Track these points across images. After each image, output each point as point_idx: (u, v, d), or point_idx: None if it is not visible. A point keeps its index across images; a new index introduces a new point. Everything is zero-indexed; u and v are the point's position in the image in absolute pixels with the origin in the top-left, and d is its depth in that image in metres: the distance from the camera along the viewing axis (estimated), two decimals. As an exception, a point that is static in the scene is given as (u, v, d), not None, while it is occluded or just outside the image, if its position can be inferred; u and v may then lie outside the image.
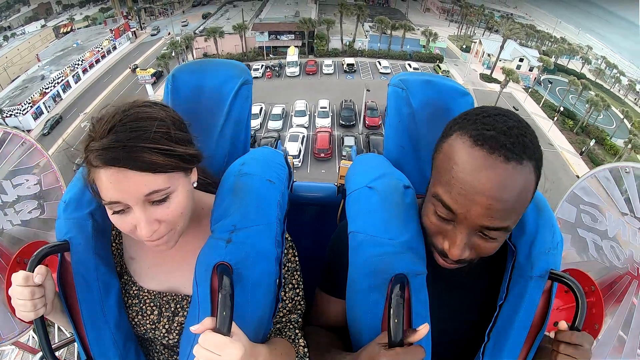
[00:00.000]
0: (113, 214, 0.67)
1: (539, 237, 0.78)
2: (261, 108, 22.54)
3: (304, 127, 21.22)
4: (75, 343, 0.82)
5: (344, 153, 18.53)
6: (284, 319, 0.86)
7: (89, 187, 0.68)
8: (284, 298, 0.85)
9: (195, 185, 0.76)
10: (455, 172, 0.62)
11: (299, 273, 0.88)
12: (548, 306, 0.79)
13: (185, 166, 0.69)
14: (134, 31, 37.26)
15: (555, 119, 24.99)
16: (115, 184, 0.62)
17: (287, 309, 0.86)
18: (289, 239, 0.86)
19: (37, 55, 31.88)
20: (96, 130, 0.64)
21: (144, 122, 0.64)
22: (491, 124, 0.61)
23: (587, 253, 1.06)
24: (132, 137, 0.62)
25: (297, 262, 0.87)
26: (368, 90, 21.74)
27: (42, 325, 0.74)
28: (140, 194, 0.63)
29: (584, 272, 0.95)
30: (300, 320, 0.88)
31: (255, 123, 20.73)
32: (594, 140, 23.57)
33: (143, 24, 39.78)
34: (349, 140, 19.28)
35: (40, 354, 1.58)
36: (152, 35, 38.53)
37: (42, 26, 36.53)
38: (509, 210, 0.61)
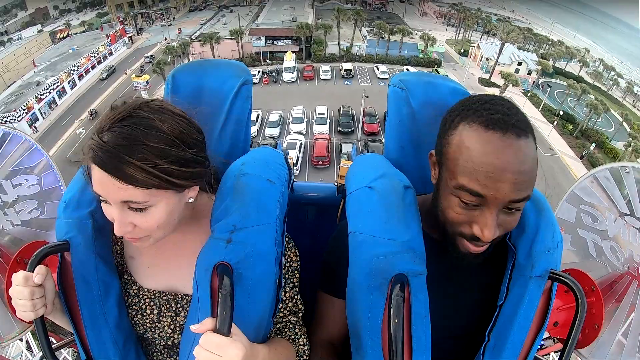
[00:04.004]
0: (100, 200, 0.68)
1: (539, 236, 0.78)
2: (258, 115, 22.26)
3: (302, 134, 21.05)
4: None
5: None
6: (284, 319, 0.86)
7: (88, 174, 0.69)
8: (284, 298, 0.84)
9: (192, 200, 0.76)
10: (477, 158, 0.65)
11: (299, 273, 0.87)
12: (548, 306, 0.80)
13: (171, 187, 0.67)
14: (131, 36, 37.11)
15: (555, 123, 24.89)
16: (98, 181, 0.64)
17: (288, 308, 0.86)
18: (290, 238, 0.86)
19: (33, 60, 31.73)
20: (103, 119, 0.65)
21: (141, 130, 0.63)
22: (493, 109, 0.66)
23: (587, 253, 1.06)
24: (121, 145, 0.62)
25: (298, 262, 0.86)
26: (367, 96, 21.60)
27: (42, 325, 0.74)
28: (118, 198, 0.65)
29: (584, 272, 0.94)
30: (300, 319, 0.88)
31: (252, 130, 20.48)
32: (594, 144, 23.46)
33: (140, 29, 39.63)
34: (348, 148, 19.04)
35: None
36: (102, 79, 29.62)
37: (39, 31, 36.46)
38: (530, 180, 0.65)
